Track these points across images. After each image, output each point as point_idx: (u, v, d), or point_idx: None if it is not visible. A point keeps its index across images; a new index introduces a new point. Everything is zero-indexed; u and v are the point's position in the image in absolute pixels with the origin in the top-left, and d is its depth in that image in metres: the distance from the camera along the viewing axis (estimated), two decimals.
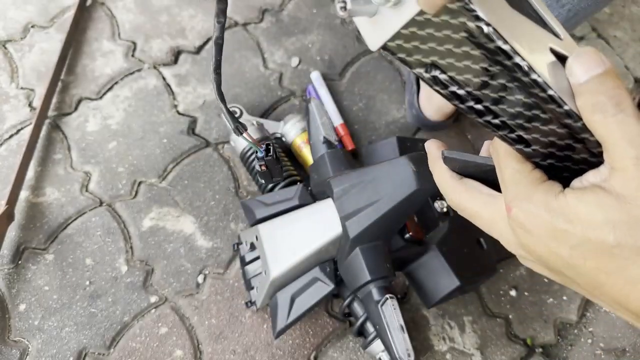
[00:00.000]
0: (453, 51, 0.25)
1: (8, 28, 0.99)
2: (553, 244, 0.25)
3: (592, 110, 0.24)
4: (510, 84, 0.25)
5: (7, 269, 0.76)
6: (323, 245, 0.64)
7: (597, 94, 0.24)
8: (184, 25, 1.01)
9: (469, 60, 0.25)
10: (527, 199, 0.26)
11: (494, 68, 0.24)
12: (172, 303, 0.75)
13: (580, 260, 0.24)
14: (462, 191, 0.31)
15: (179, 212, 0.82)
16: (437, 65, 0.26)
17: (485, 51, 0.24)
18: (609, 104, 0.23)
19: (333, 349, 0.73)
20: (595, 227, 0.24)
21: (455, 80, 0.26)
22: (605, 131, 0.24)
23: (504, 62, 0.24)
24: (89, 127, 0.89)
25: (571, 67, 0.25)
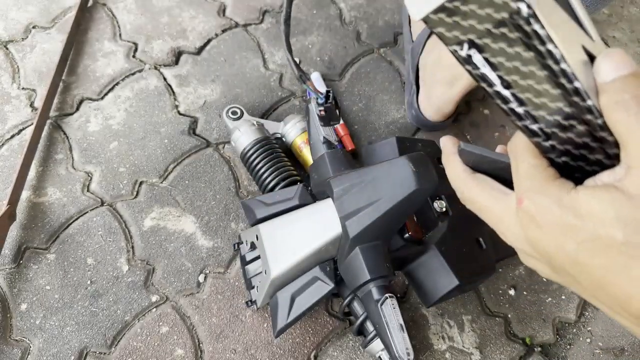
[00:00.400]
0: (491, 32, 0.25)
1: (9, 28, 0.99)
2: (561, 239, 0.25)
3: (615, 107, 0.24)
4: (541, 71, 0.25)
5: (9, 268, 0.77)
6: (323, 244, 0.64)
7: (621, 92, 0.24)
8: (184, 26, 1.01)
9: (505, 43, 0.25)
10: (540, 193, 0.26)
11: (527, 53, 0.25)
12: (173, 302, 0.76)
13: (586, 257, 0.24)
14: (473, 185, 0.31)
15: (180, 212, 0.82)
16: (473, 43, 0.26)
17: (522, 34, 0.24)
18: (632, 102, 0.23)
19: (333, 348, 0.74)
20: (606, 224, 0.24)
21: (489, 62, 0.26)
22: (626, 129, 0.24)
23: (539, 47, 0.24)
24: (90, 127, 0.89)
25: (599, 66, 0.25)
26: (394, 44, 1.03)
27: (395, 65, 1.00)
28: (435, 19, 0.26)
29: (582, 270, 0.25)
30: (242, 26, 1.02)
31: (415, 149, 0.71)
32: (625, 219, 0.23)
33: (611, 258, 0.24)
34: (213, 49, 0.99)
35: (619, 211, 0.23)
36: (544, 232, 0.26)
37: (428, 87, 0.88)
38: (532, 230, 0.27)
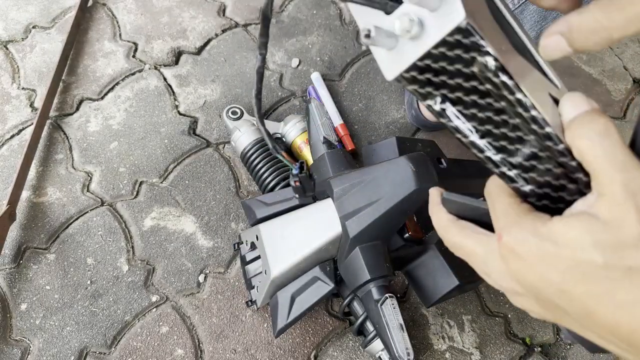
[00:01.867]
0: (462, 85, 0.27)
1: (9, 29, 0.99)
2: (543, 268, 0.26)
3: (579, 140, 0.25)
4: (512, 120, 0.27)
5: (9, 268, 0.77)
6: (323, 244, 0.64)
7: (584, 124, 0.25)
8: (184, 26, 1.01)
9: (476, 95, 0.27)
10: (517, 226, 0.27)
11: (498, 104, 0.26)
12: (173, 302, 0.76)
13: (570, 285, 0.25)
14: (457, 231, 0.32)
15: (180, 212, 0.82)
16: (446, 97, 0.27)
17: (492, 86, 0.26)
18: (593, 133, 0.25)
19: (333, 348, 0.74)
20: (583, 249, 0.24)
21: (462, 114, 0.28)
22: (593, 158, 0.25)
23: (508, 96, 0.26)
24: (90, 127, 0.89)
25: (562, 107, 0.27)
26: None
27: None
28: (408, 77, 0.27)
29: (569, 299, 0.25)
30: (242, 26, 1.02)
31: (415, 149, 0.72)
32: (602, 243, 0.24)
33: (594, 284, 0.24)
34: (213, 49, 0.99)
35: (595, 236, 0.24)
36: (526, 264, 0.26)
37: None
38: (514, 263, 0.27)
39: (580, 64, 1.06)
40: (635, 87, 1.04)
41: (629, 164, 0.24)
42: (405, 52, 0.27)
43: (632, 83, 1.04)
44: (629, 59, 1.07)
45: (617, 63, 1.06)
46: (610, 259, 0.23)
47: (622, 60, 1.07)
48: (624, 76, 1.05)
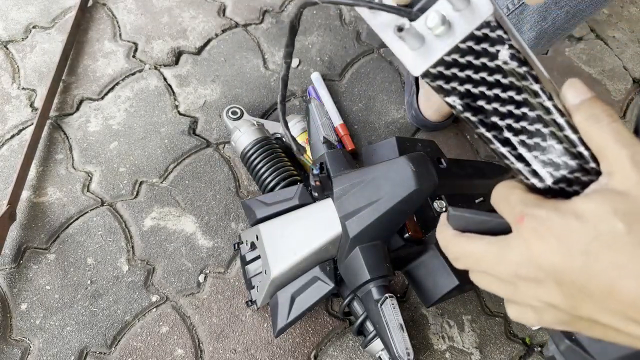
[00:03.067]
0: (486, 79, 0.28)
1: (9, 29, 0.99)
2: (567, 244, 0.26)
3: (589, 121, 0.27)
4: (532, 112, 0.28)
5: (9, 268, 0.77)
6: (323, 244, 0.64)
7: (590, 109, 0.28)
8: (184, 26, 1.01)
9: (499, 88, 0.28)
10: (537, 206, 0.28)
11: (519, 95, 0.28)
12: (173, 302, 0.76)
13: (594, 257, 0.25)
14: (463, 240, 0.31)
15: (180, 212, 0.82)
16: (470, 93, 0.29)
17: (515, 77, 0.28)
18: (603, 114, 0.27)
19: (333, 348, 0.74)
20: (605, 218, 0.25)
21: (485, 109, 0.29)
22: (601, 138, 0.27)
23: (530, 86, 0.28)
24: (90, 127, 0.89)
25: (565, 93, 0.29)
26: None
27: (395, 65, 1.00)
28: (435, 73, 0.29)
29: (592, 275, 0.25)
30: (242, 26, 1.02)
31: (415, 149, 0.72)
32: (622, 211, 0.25)
33: (619, 252, 0.24)
34: (213, 49, 0.99)
35: (615, 205, 0.25)
36: (549, 243, 0.26)
37: (428, 88, 0.88)
38: (537, 244, 0.27)
39: (580, 64, 1.06)
40: (635, 87, 1.04)
41: (633, 141, 0.26)
42: (433, 48, 0.28)
43: (631, 83, 1.04)
44: (628, 59, 1.07)
45: (617, 63, 1.06)
46: (632, 225, 0.24)
47: (622, 61, 1.07)
48: (623, 76, 1.05)
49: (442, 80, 0.29)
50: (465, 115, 0.30)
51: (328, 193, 0.41)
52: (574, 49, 1.08)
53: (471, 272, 0.32)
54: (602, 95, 1.02)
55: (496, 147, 0.30)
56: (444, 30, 0.28)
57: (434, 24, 0.28)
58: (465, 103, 0.29)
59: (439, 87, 0.29)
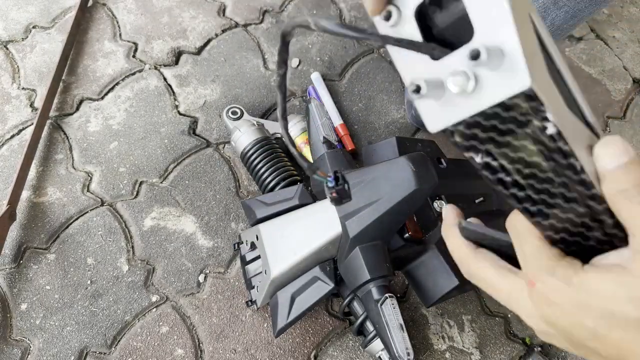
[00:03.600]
0: (512, 143, 0.25)
1: (9, 29, 0.99)
2: (578, 315, 0.26)
3: (619, 196, 0.25)
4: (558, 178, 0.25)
5: (9, 268, 0.77)
6: (323, 244, 0.64)
7: (623, 181, 0.25)
8: (184, 26, 1.01)
9: (525, 153, 0.25)
10: (550, 273, 0.27)
11: (547, 163, 0.25)
12: (173, 302, 0.76)
13: (604, 331, 0.25)
14: (478, 262, 0.31)
15: (180, 212, 0.82)
16: (490, 153, 0.26)
17: (544, 148, 0.24)
18: (634, 191, 0.25)
19: (333, 348, 0.74)
20: (618, 303, 0.25)
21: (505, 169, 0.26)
22: (631, 217, 0.25)
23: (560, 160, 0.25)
24: (90, 127, 0.89)
25: (598, 154, 0.26)
26: None
27: (395, 65, 1.00)
28: (454, 131, 0.26)
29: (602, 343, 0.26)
30: (242, 26, 1.02)
31: (415, 149, 0.72)
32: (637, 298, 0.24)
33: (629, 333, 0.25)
34: (213, 49, 0.99)
35: (631, 291, 0.24)
36: (559, 310, 0.27)
37: None
38: (547, 308, 0.27)
39: (580, 64, 1.06)
40: (635, 87, 1.04)
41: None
42: (456, 107, 0.25)
43: (632, 83, 1.04)
44: (628, 59, 1.07)
45: (617, 63, 1.06)
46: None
47: (622, 60, 1.07)
48: (623, 76, 1.05)
49: (461, 138, 0.26)
50: (484, 173, 0.27)
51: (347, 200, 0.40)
52: (574, 49, 1.08)
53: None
54: (602, 95, 1.02)
55: (514, 203, 0.28)
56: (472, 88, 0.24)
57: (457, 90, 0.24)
58: (484, 162, 0.26)
59: (456, 144, 0.27)
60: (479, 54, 0.22)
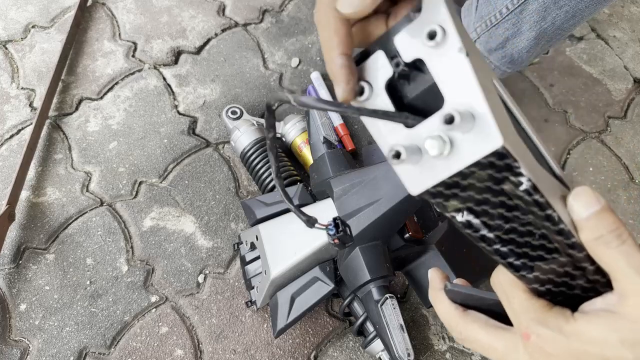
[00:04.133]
0: (490, 200, 0.26)
1: (9, 28, 0.99)
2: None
3: (597, 243, 0.26)
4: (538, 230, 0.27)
5: (8, 268, 0.77)
6: (323, 245, 0.64)
7: (599, 228, 0.26)
8: (184, 26, 1.01)
9: (503, 209, 0.26)
10: (542, 324, 0.28)
11: (525, 216, 0.26)
12: (172, 303, 0.75)
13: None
14: (468, 324, 0.31)
15: (180, 212, 0.82)
16: (472, 210, 0.27)
17: (522, 202, 0.26)
18: (611, 236, 0.26)
19: (333, 349, 0.74)
20: (612, 347, 0.25)
21: (487, 225, 0.27)
22: (611, 261, 0.26)
23: (538, 212, 0.26)
24: (89, 127, 0.89)
25: (572, 205, 0.27)
26: None
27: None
28: (434, 192, 0.27)
29: None
30: (242, 26, 1.02)
31: None
32: (630, 341, 0.25)
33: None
34: (213, 49, 0.99)
35: (622, 335, 0.25)
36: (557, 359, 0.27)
37: None
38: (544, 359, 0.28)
39: (580, 64, 1.05)
40: (636, 86, 1.03)
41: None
42: (434, 169, 0.26)
43: (632, 83, 1.04)
44: (629, 59, 1.07)
45: (618, 63, 1.06)
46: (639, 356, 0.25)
47: (623, 60, 1.07)
48: (624, 76, 1.04)
49: (441, 198, 0.27)
50: (466, 232, 0.28)
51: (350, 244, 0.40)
52: (575, 49, 1.07)
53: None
54: (603, 95, 1.02)
55: (498, 259, 0.28)
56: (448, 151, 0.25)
57: (434, 153, 0.25)
58: (466, 220, 0.27)
59: (438, 204, 0.27)
60: (453, 118, 0.23)
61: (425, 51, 0.25)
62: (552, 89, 1.01)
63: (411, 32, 0.25)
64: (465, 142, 0.24)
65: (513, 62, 0.77)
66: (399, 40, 0.26)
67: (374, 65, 0.26)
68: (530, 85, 1.01)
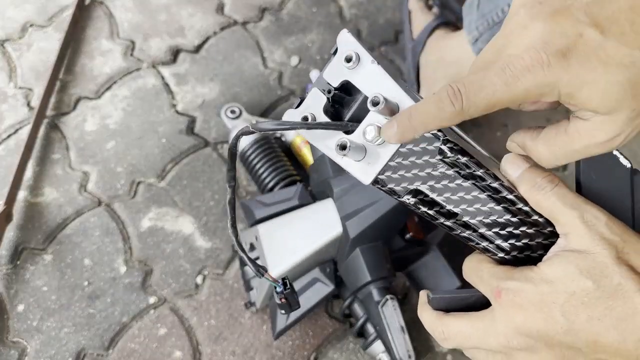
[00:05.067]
0: (432, 174, 0.31)
1: (6, 27, 0.98)
2: (545, 310, 0.28)
3: (533, 191, 0.30)
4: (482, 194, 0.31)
5: (6, 269, 0.76)
6: (323, 245, 0.64)
7: (532, 178, 0.30)
8: (182, 24, 1.00)
9: (446, 180, 0.31)
10: (510, 279, 0.30)
11: (467, 182, 0.31)
12: (171, 304, 0.75)
13: (573, 316, 0.27)
14: (450, 321, 0.33)
15: (178, 212, 0.82)
16: (420, 190, 0.31)
17: (458, 168, 0.31)
18: (544, 182, 0.30)
19: (333, 350, 0.73)
20: (573, 279, 0.27)
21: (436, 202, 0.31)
22: (549, 204, 0.29)
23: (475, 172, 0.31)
24: (87, 126, 0.89)
25: (505, 169, 0.32)
26: (395, 42, 1.02)
27: (396, 63, 0.99)
28: (384, 178, 0.31)
29: (575, 333, 0.27)
30: (241, 24, 1.01)
31: None
32: (586, 269, 0.27)
33: (593, 307, 0.26)
34: (211, 47, 0.98)
35: (578, 265, 0.27)
36: (529, 312, 0.28)
37: (429, 86, 0.87)
38: (518, 315, 0.29)
39: None
40: None
41: (579, 202, 0.29)
42: (376, 157, 0.31)
43: None
44: None
45: None
46: (599, 280, 0.26)
47: None
48: None
49: (393, 183, 0.31)
50: (423, 211, 0.32)
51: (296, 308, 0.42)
52: None
53: (464, 350, 0.33)
54: None
55: (459, 232, 0.32)
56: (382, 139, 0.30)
57: (372, 137, 0.30)
58: (419, 199, 0.31)
59: (392, 191, 0.32)
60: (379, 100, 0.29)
61: (347, 73, 0.32)
62: None
63: (334, 66, 0.32)
64: None
65: None
66: (327, 74, 0.33)
67: (312, 99, 0.33)
68: None
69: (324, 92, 0.32)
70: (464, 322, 0.32)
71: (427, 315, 0.34)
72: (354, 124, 0.31)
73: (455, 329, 0.32)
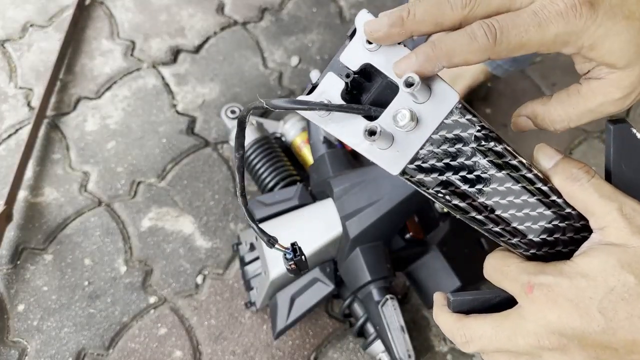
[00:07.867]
0: (465, 164, 0.28)
1: (7, 27, 0.98)
2: (582, 306, 0.26)
3: (568, 182, 0.28)
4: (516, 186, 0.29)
5: (6, 269, 0.76)
6: (323, 245, 0.64)
7: (567, 169, 0.28)
8: (183, 25, 1.00)
9: (480, 170, 0.29)
10: (542, 273, 0.27)
11: (501, 173, 0.28)
12: (171, 303, 0.75)
13: (611, 313, 0.25)
14: (470, 323, 0.30)
15: (178, 212, 0.82)
16: (450, 182, 0.29)
17: (493, 157, 0.28)
18: (580, 172, 0.28)
19: (333, 350, 0.73)
20: (613, 273, 0.25)
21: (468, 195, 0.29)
22: (585, 196, 0.28)
23: (511, 162, 0.28)
24: (87, 126, 0.89)
25: (538, 159, 0.30)
26: None
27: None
28: (414, 167, 0.28)
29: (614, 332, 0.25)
30: (241, 24, 1.01)
31: None
32: (627, 263, 0.25)
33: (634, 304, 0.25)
34: (212, 48, 0.98)
35: (618, 258, 0.25)
36: (565, 307, 0.26)
37: None
38: (552, 312, 0.26)
39: None
40: None
41: (616, 194, 0.27)
42: (406, 145, 0.28)
43: None
44: None
45: None
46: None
47: None
48: None
49: (422, 173, 0.29)
50: (454, 204, 0.29)
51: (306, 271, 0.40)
52: None
53: (485, 354, 0.31)
54: None
55: (490, 227, 0.30)
56: (414, 125, 0.27)
57: (404, 123, 0.27)
58: (450, 191, 0.29)
59: (420, 182, 0.29)
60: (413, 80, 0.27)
61: (369, 56, 0.29)
62: (554, 88, 1.00)
63: (351, 49, 0.29)
64: (427, 111, 0.28)
65: (515, 60, 0.76)
66: (344, 57, 0.30)
67: (328, 84, 0.30)
68: (531, 84, 1.00)
69: (342, 76, 0.29)
70: (488, 322, 0.29)
71: (446, 318, 0.32)
72: (377, 108, 0.28)
73: (479, 331, 0.29)
